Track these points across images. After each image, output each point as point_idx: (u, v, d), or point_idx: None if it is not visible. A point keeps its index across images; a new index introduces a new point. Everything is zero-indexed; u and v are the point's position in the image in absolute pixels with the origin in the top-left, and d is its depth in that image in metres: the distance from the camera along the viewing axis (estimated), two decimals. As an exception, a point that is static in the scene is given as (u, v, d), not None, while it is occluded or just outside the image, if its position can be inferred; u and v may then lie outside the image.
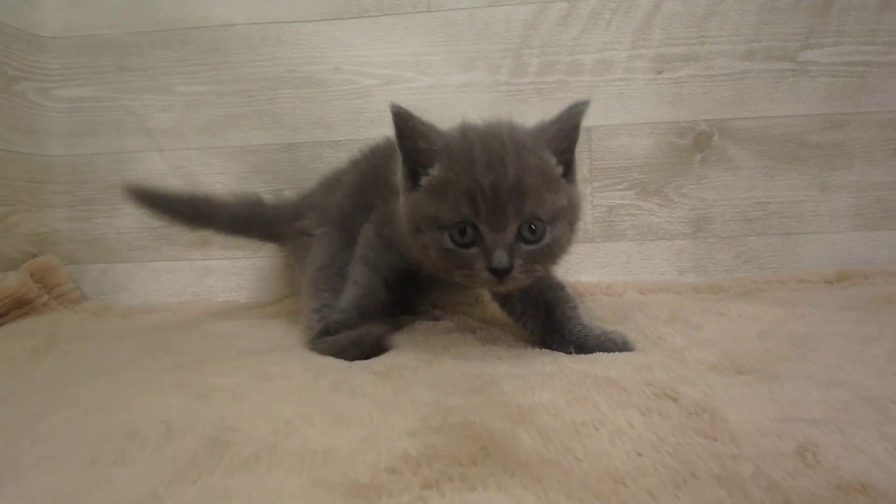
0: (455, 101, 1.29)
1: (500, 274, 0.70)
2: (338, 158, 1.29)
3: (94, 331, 1.11)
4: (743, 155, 1.26)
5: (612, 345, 0.77)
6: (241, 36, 1.31)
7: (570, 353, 0.77)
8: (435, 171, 0.74)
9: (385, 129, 1.29)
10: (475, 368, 0.73)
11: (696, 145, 1.27)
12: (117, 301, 1.33)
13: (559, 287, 0.85)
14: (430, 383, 0.68)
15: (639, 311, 1.05)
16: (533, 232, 0.72)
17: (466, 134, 0.76)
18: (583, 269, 1.29)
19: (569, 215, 0.75)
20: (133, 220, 1.34)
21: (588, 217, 1.29)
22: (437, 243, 0.72)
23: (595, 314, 1.05)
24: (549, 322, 0.83)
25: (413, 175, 0.76)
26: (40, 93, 1.31)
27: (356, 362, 0.77)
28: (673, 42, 1.26)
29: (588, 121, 1.26)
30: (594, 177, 1.29)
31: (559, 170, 0.75)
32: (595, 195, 1.29)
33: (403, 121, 0.75)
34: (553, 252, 0.74)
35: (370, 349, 0.80)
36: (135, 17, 1.32)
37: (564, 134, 0.76)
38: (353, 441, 0.52)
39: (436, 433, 0.53)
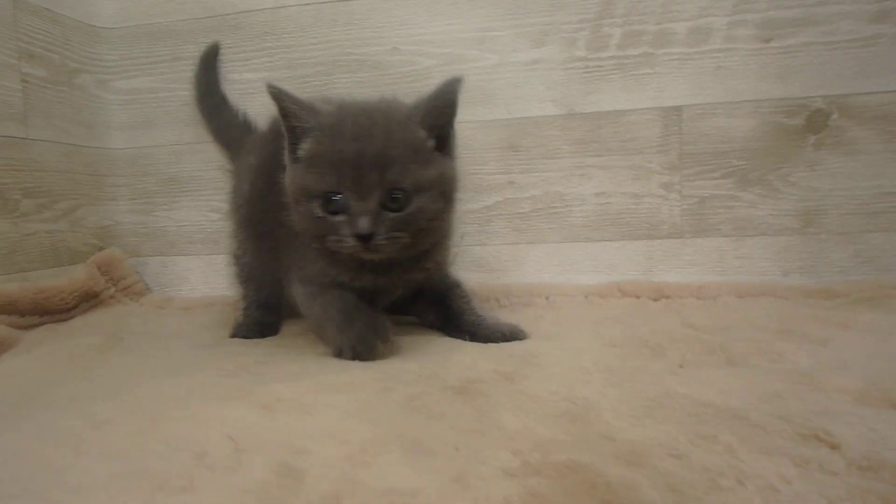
0: (524, 81, 1.17)
1: (364, 240, 0.75)
2: (397, 147, 1.21)
3: (158, 326, 1.12)
4: (867, 137, 1.08)
5: (501, 335, 0.85)
6: (293, 18, 1.23)
7: (465, 339, 0.87)
8: (308, 145, 0.79)
9: (447, 115, 1.20)
10: (562, 386, 0.66)
11: (810, 126, 1.09)
12: (178, 294, 1.32)
13: (455, 284, 0.95)
14: (514, 404, 0.62)
15: (741, 319, 0.93)
16: (396, 201, 0.76)
17: (341, 109, 0.80)
18: (668, 267, 1.16)
19: (439, 187, 0.79)
20: (192, 212, 1.32)
21: (676, 210, 1.15)
22: (309, 212, 0.78)
23: (687, 320, 0.94)
24: (446, 315, 0.92)
25: (293, 150, 0.81)
26: (100, 85, 1.30)
27: (425, 375, 0.73)
28: (784, 4, 1.08)
29: (676, 100, 1.13)
30: (684, 164, 1.14)
31: (431, 143, 0.79)
32: (684, 185, 1.14)
33: (278, 100, 0.79)
34: (418, 221, 0.77)
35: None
36: (187, 3, 1.28)
37: (438, 110, 0.80)
38: (442, 481, 0.46)
39: (538, 475, 0.46)
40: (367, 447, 0.52)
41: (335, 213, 0.77)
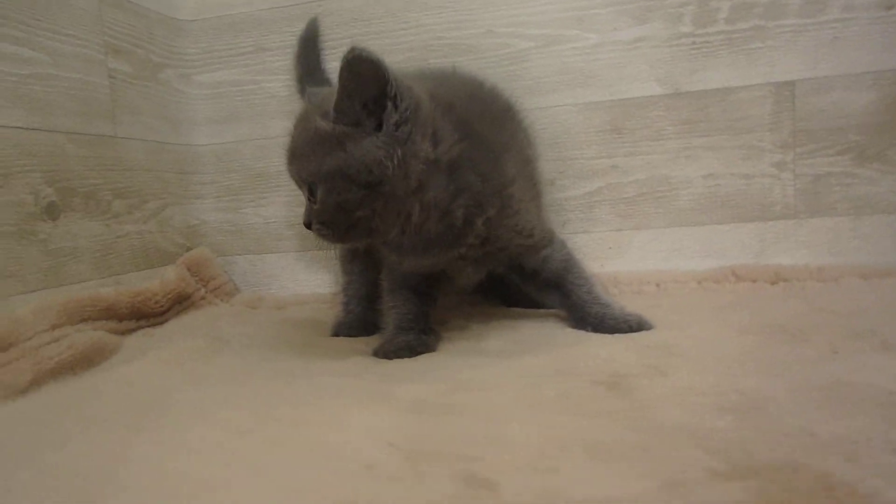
0: (627, 61, 1.14)
1: (307, 228, 0.79)
2: (493, 134, 1.18)
3: (256, 327, 1.10)
4: None
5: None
6: (382, 3, 1.21)
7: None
8: None
9: (546, 97, 1.17)
10: (721, 378, 0.63)
11: (935, 97, 1.05)
12: (268, 292, 1.31)
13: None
14: (676, 399, 0.59)
15: (875, 301, 0.90)
16: (311, 193, 0.77)
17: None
18: (781, 249, 1.13)
19: (344, 174, 0.74)
20: (280, 209, 1.30)
21: (789, 189, 1.11)
22: None
23: (815, 304, 0.91)
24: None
25: None
26: (183, 80, 1.28)
27: (564, 370, 0.72)
28: (906, -32, 1.03)
29: (788, 74, 1.08)
30: (797, 141, 1.10)
31: (339, 129, 0.74)
32: (798, 163, 1.10)
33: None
34: (327, 211, 0.76)
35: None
36: (270, -9, 1.25)
37: (347, 92, 0.72)
38: (652, 486, 0.43)
39: (756, 476, 0.43)
40: (545, 451, 0.50)
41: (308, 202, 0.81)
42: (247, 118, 1.29)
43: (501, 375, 0.72)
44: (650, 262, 1.16)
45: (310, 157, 0.76)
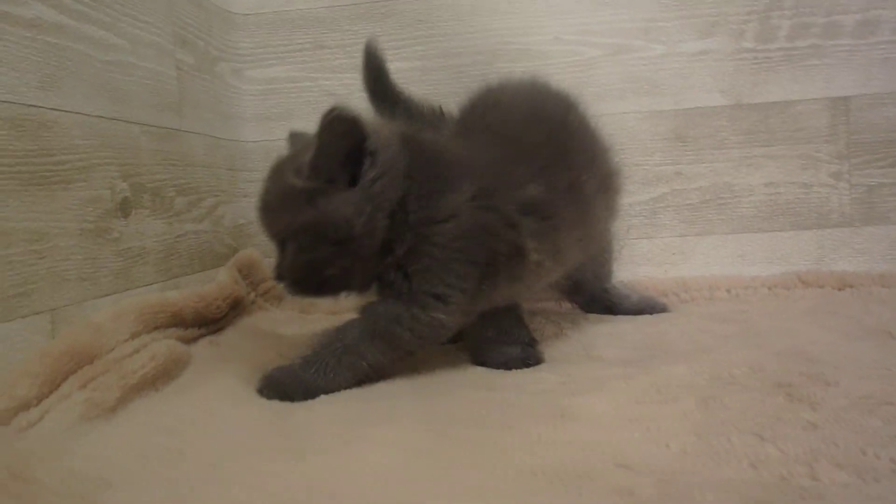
0: (690, 72, 1.18)
1: (280, 281, 0.76)
2: (559, 138, 1.19)
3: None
4: None
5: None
6: (449, 6, 1.21)
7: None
8: None
9: (614, 104, 1.19)
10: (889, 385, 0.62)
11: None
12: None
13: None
14: (857, 407, 0.58)
15: None
16: (282, 248, 0.74)
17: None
18: (839, 256, 1.17)
19: (314, 231, 0.71)
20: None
21: (845, 199, 1.17)
22: None
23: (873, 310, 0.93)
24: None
25: None
26: (235, 74, 1.24)
27: (721, 378, 0.69)
28: (950, -3, 1.12)
29: (844, 90, 1.15)
30: (852, 153, 1.16)
31: (312, 185, 0.71)
32: (853, 173, 1.16)
33: None
34: (294, 267, 0.73)
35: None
36: (334, -11, 1.24)
37: (324, 151, 0.70)
38: None
39: None
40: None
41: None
42: (301, 116, 1.26)
43: (649, 386, 0.68)
44: (714, 268, 1.18)
45: (280, 213, 0.74)
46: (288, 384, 0.72)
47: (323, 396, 0.71)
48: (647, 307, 1.03)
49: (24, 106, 0.70)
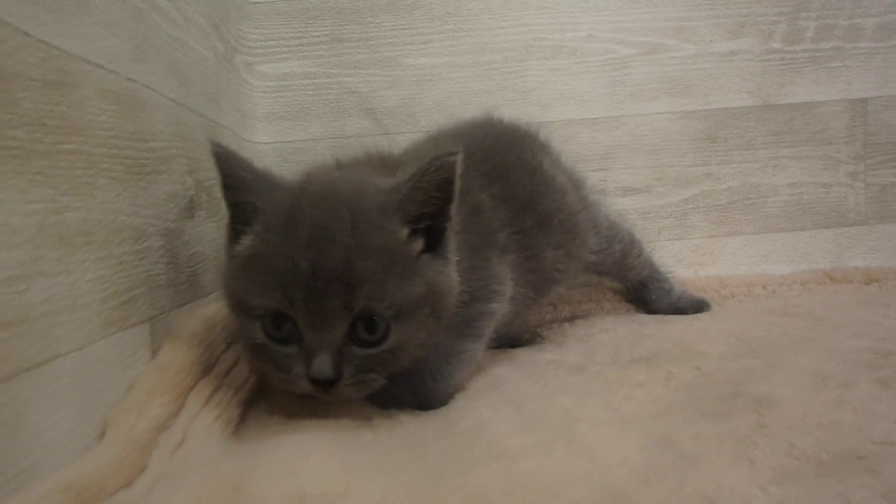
0: (721, 72, 1.20)
1: (323, 386, 0.58)
2: (593, 139, 1.18)
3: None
4: None
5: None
6: (480, -1, 1.16)
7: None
8: (249, 238, 0.60)
9: (648, 105, 1.18)
10: None
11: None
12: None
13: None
14: None
15: None
16: (371, 331, 0.58)
17: (300, 191, 0.62)
18: (855, 253, 1.24)
19: (429, 305, 0.61)
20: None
21: (861, 197, 1.22)
22: (249, 334, 0.60)
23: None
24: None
25: (233, 237, 0.63)
26: (247, 69, 1.14)
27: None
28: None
29: (863, 92, 1.20)
30: (868, 153, 1.22)
31: (416, 245, 0.61)
32: (868, 173, 1.22)
33: (225, 164, 0.62)
34: (400, 356, 0.61)
35: None
36: (356, -24, 1.15)
37: (425, 196, 0.60)
38: None
39: None
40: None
41: (284, 341, 0.59)
42: (317, 115, 1.18)
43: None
44: (741, 267, 1.22)
45: (386, 281, 0.57)
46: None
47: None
48: (686, 306, 1.05)
49: (124, 78, 0.61)
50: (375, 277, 0.57)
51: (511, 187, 0.82)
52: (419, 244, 0.61)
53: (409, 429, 0.62)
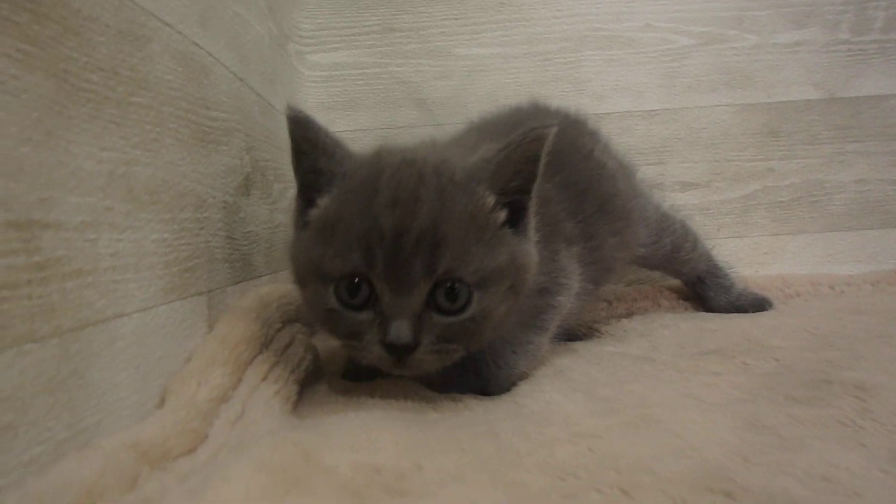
0: (784, 64, 1.16)
1: (398, 352, 0.55)
2: (649, 132, 1.14)
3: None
4: None
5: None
6: (534, -13, 1.14)
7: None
8: (326, 202, 0.59)
9: (706, 97, 1.14)
10: None
11: None
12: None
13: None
14: None
15: None
16: (452, 298, 0.56)
17: (380, 157, 0.61)
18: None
19: (510, 278, 0.59)
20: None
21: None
22: (321, 300, 0.58)
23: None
24: None
25: (305, 205, 0.62)
26: (298, 57, 1.13)
27: None
28: None
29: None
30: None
31: (501, 215, 0.59)
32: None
33: (303, 130, 0.59)
34: (481, 327, 0.58)
35: None
36: (409, -35, 1.15)
37: (515, 167, 0.58)
38: None
39: None
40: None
41: (357, 307, 0.57)
42: (367, 105, 1.17)
43: None
44: (804, 266, 1.17)
45: (472, 247, 0.56)
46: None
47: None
48: (747, 304, 1.01)
49: (190, 42, 0.61)
50: (461, 242, 0.55)
51: (570, 175, 0.80)
52: (503, 216, 0.59)
53: (475, 410, 0.60)
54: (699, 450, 0.45)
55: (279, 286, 0.81)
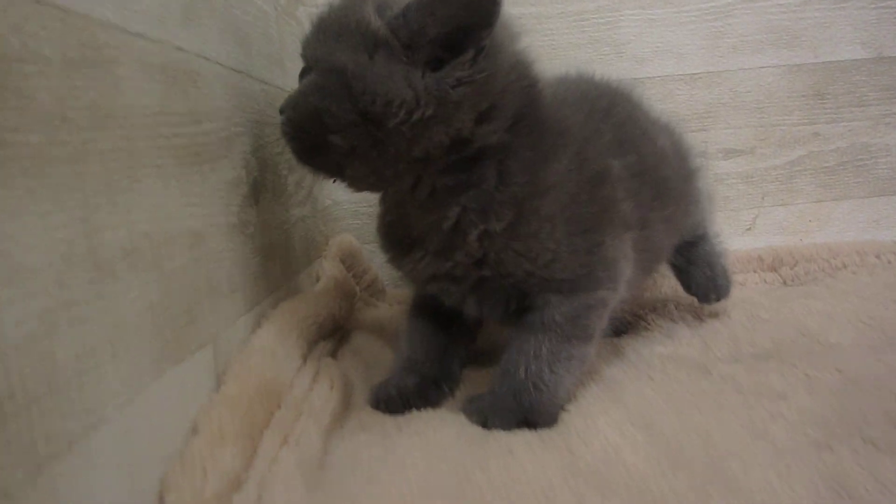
0: (832, 20, 1.08)
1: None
2: (692, 97, 1.08)
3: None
4: None
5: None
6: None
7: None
8: None
9: (751, 58, 1.09)
10: None
11: None
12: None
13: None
14: None
15: None
16: (302, 76, 0.62)
17: None
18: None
19: (351, 83, 0.55)
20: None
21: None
22: None
23: None
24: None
25: None
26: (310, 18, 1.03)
27: None
28: None
29: None
30: None
31: (384, 36, 0.53)
32: None
33: None
34: (303, 109, 0.59)
35: None
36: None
37: (434, 9, 0.51)
38: None
39: None
40: None
41: None
42: (391, 74, 1.07)
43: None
44: (849, 233, 1.12)
45: (327, 40, 0.54)
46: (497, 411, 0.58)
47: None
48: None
49: (172, 48, 0.48)
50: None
51: (630, 152, 0.68)
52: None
53: (527, 468, 0.50)
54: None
55: (298, 303, 0.71)
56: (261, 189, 0.70)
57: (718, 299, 0.81)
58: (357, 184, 0.59)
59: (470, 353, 0.74)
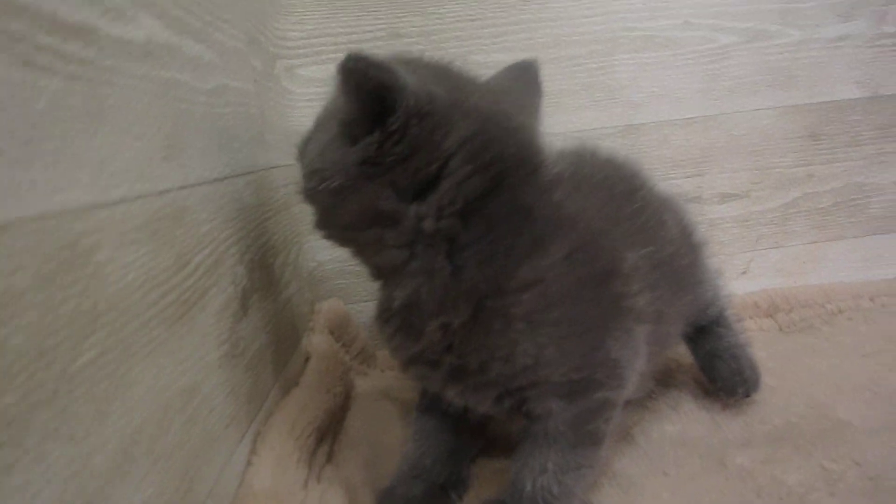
0: (828, 60, 1.04)
1: None
2: (687, 141, 1.05)
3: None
4: None
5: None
6: (558, -18, 0.99)
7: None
8: None
9: (748, 100, 1.06)
10: None
11: None
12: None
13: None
14: None
15: None
16: None
17: None
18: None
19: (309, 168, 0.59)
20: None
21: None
22: None
23: None
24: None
25: None
26: (287, 75, 0.97)
27: None
28: None
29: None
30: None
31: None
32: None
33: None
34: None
35: None
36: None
37: (349, 112, 0.52)
38: None
39: None
40: None
41: None
42: (375, 125, 1.01)
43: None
44: (842, 274, 1.11)
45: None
46: None
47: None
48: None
49: (155, 195, 0.41)
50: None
51: (650, 242, 0.62)
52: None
53: None
54: None
55: (292, 410, 0.65)
56: (249, 295, 0.64)
57: (748, 394, 0.74)
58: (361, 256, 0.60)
59: (480, 448, 0.71)
